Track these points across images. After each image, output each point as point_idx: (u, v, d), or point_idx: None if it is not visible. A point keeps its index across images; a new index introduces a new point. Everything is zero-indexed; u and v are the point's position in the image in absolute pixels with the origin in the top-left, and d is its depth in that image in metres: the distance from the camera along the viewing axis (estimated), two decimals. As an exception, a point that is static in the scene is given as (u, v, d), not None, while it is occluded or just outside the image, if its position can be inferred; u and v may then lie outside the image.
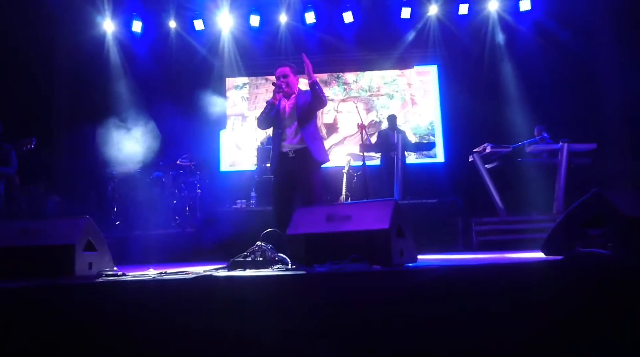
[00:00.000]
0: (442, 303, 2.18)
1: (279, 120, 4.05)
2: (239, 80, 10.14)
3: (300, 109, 4.00)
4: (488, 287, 2.22)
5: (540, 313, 2.06)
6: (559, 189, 6.36)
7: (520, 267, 2.36)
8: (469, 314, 2.14)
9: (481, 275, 2.34)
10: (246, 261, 2.87)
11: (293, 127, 4.00)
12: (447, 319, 2.13)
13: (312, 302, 2.28)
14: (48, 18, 8.65)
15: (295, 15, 9.50)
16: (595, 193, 2.78)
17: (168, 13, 9.39)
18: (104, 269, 3.14)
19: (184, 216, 7.47)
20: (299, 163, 3.96)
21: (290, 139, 4.01)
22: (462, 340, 2.03)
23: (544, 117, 7.82)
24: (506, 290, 2.19)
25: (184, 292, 2.35)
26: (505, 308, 2.14)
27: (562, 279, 2.15)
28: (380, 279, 2.38)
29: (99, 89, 9.07)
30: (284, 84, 4.01)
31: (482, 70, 9.20)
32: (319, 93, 3.91)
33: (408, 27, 9.48)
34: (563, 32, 8.53)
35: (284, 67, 4.12)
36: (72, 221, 3.15)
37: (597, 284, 2.06)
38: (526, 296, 2.14)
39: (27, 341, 2.21)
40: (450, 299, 2.19)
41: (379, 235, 2.68)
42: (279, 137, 4.05)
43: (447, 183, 8.34)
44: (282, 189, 4.03)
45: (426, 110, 9.77)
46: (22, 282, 2.55)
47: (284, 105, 4.09)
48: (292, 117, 4.02)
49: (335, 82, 10.05)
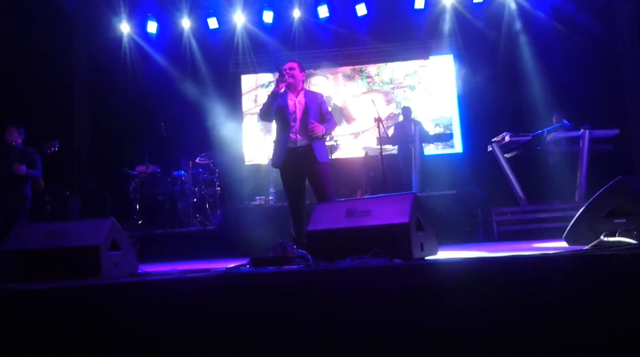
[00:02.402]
0: (463, 296, 2.18)
1: (285, 115, 4.09)
2: (264, 77, 10.14)
3: (310, 113, 4.06)
4: (510, 280, 2.21)
5: (566, 305, 2.04)
6: (581, 177, 6.25)
7: (543, 259, 2.33)
8: (490, 307, 2.13)
9: (503, 268, 2.32)
10: (268, 258, 2.90)
11: (299, 126, 4.06)
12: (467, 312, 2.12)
13: (335, 297, 2.29)
14: (67, 21, 8.80)
15: (308, 10, 9.48)
16: (619, 181, 2.74)
17: (182, 12, 9.45)
18: (129, 268, 3.20)
19: (204, 214, 7.55)
20: (307, 158, 4.03)
21: (296, 136, 4.05)
22: (484, 332, 2.02)
23: (565, 103, 7.69)
24: (530, 283, 2.17)
25: (208, 289, 2.38)
26: (529, 301, 2.12)
27: (587, 270, 2.12)
28: (401, 273, 2.38)
29: (118, 90, 9.19)
30: (289, 75, 4.06)
31: (499, 58, 9.05)
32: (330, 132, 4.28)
33: (422, 17, 9.36)
34: (583, 15, 8.34)
35: (292, 62, 4.21)
36: (97, 221, 3.21)
37: (623, 275, 2.03)
38: (551, 288, 2.12)
39: (56, 342, 2.26)
40: (471, 292, 2.18)
41: (399, 229, 2.68)
42: (285, 133, 4.08)
43: (466, 173, 8.26)
44: (293, 181, 4.10)
45: (448, 100, 9.67)
46: (51, 284, 2.62)
47: (292, 101, 4.13)
48: (299, 116, 4.07)
49: (358, 76, 10.00)
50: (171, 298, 2.40)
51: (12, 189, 5.06)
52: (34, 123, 6.17)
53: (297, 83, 4.14)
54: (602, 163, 6.48)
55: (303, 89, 4.21)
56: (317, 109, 4.13)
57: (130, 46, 9.66)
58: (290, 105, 4.10)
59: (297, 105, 4.11)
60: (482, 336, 2.01)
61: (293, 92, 4.16)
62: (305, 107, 4.08)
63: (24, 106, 7.70)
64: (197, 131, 8.94)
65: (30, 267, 3.02)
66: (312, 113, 4.07)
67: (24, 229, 3.24)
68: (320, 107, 4.16)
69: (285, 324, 2.17)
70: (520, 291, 2.15)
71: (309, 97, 4.15)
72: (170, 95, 9.28)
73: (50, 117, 8.15)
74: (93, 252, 3.01)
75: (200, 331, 2.20)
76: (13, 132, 5.24)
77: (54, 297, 2.47)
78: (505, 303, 2.13)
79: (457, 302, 2.16)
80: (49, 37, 8.30)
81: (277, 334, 2.13)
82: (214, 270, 2.85)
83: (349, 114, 9.86)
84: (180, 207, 7.54)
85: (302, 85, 4.22)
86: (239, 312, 2.27)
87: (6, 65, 7.68)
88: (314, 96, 4.19)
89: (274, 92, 4.04)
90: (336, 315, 2.20)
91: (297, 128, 4.05)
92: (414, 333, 2.06)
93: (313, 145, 4.03)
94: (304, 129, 4.03)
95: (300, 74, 4.18)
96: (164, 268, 4.16)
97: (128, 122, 9.04)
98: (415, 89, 9.75)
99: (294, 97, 4.14)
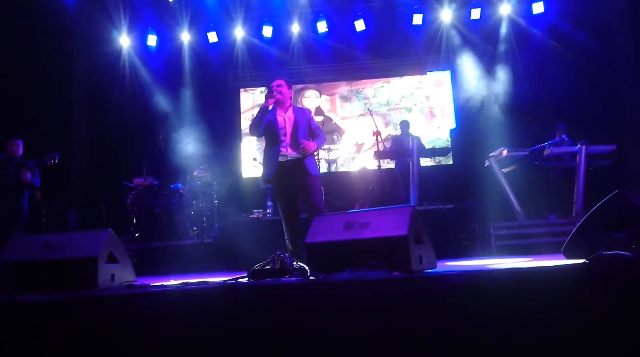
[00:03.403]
0: (462, 309, 2.17)
1: (276, 130, 4.18)
2: (261, 97, 10.19)
3: (300, 128, 4.18)
4: (509, 292, 2.20)
5: (564, 318, 2.04)
6: (578, 192, 6.28)
7: (541, 272, 2.33)
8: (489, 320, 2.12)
9: (501, 280, 2.32)
10: (266, 270, 2.89)
11: (290, 140, 4.16)
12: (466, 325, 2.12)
13: (334, 309, 2.28)
14: (67, 34, 8.85)
15: (307, 25, 9.58)
16: (617, 194, 2.75)
17: (182, 26, 9.53)
18: (126, 280, 3.18)
19: (201, 227, 7.53)
20: (298, 171, 4.13)
21: (287, 150, 4.15)
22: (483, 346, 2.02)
23: (562, 119, 7.73)
24: (528, 295, 2.17)
25: (206, 301, 2.37)
26: (527, 314, 2.12)
27: (586, 283, 2.12)
28: (400, 286, 2.38)
29: (116, 103, 9.22)
30: (277, 91, 4.18)
31: (495, 74, 9.15)
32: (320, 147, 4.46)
33: (420, 34, 9.47)
34: (578, 33, 8.44)
35: (280, 79, 4.33)
36: (94, 233, 3.20)
37: (621, 288, 2.03)
38: (549, 300, 2.11)
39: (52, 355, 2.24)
40: (470, 305, 2.18)
41: (398, 241, 2.68)
42: (275, 147, 4.17)
43: (463, 187, 8.29)
44: (286, 195, 4.18)
45: (444, 122, 9.74)
46: (46, 296, 2.60)
47: (281, 117, 4.23)
48: (289, 131, 4.18)
49: (355, 98, 10.08)
50: (169, 310, 2.39)
51: (9, 199, 5.05)
52: (33, 134, 6.17)
53: (285, 99, 4.25)
54: (600, 178, 6.51)
55: (291, 105, 4.33)
56: (306, 124, 4.25)
57: (130, 59, 9.71)
58: (279, 121, 4.20)
59: (287, 120, 4.22)
60: (482, 348, 2.01)
61: (282, 108, 4.27)
62: (295, 122, 4.20)
63: (23, 118, 7.71)
64: (195, 144, 8.96)
65: (27, 279, 3.00)
66: (301, 128, 4.19)
67: (21, 241, 3.23)
68: (309, 122, 4.29)
69: (284, 337, 2.15)
70: (518, 304, 2.15)
71: (298, 112, 4.28)
72: (168, 107, 9.32)
73: (49, 129, 8.16)
74: (90, 263, 3.00)
75: (199, 343, 2.18)
76: (15, 144, 5.27)
77: (50, 309, 2.46)
78: (504, 316, 2.13)
79: (456, 314, 2.16)
80: (48, 49, 8.35)
81: (276, 346, 2.12)
82: (212, 282, 2.83)
83: (341, 130, 9.91)
84: (178, 220, 7.53)
85: (290, 102, 4.33)
86: (238, 325, 2.26)
87: (6, 77, 7.71)
88: (302, 112, 4.33)
89: (263, 107, 4.13)
90: (335, 328, 2.19)
91: (288, 142, 4.15)
92: (414, 346, 2.05)
93: (304, 159, 4.14)
94: (295, 143, 4.14)
95: (288, 91, 4.29)
96: (161, 281, 4.14)
97: (126, 134, 9.05)
98: (411, 111, 9.82)
99: (283, 113, 4.25)
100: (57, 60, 8.67)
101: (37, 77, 8.11)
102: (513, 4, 9.16)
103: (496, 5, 9.19)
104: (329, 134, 9.68)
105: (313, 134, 4.29)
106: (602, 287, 2.08)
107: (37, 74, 8.13)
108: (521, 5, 9.14)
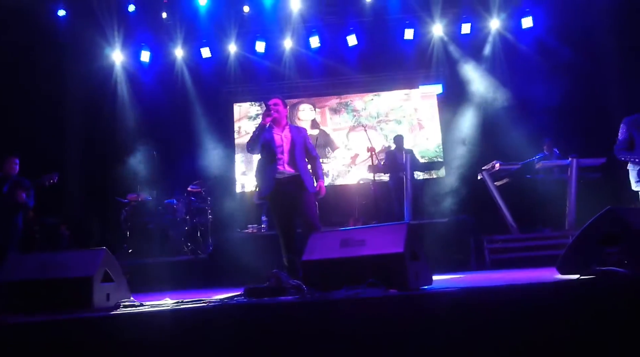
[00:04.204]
0: (459, 325, 2.19)
1: (272, 148, 4.29)
2: (252, 110, 10.26)
3: (297, 147, 4.32)
4: (505, 308, 2.22)
5: (559, 334, 2.06)
6: (570, 204, 6.33)
7: (537, 288, 2.35)
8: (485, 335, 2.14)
9: (497, 296, 2.34)
10: (262, 288, 2.89)
11: (287, 158, 4.29)
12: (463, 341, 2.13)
13: (331, 328, 2.29)
14: (59, 49, 8.84)
15: (299, 40, 9.66)
16: (608, 210, 2.79)
17: (175, 42, 9.57)
18: (121, 299, 3.16)
19: (196, 242, 7.50)
20: (294, 188, 4.23)
21: (284, 168, 4.27)
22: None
23: (552, 132, 7.82)
24: (523, 311, 2.19)
25: (203, 321, 2.36)
26: (522, 329, 2.13)
27: (580, 299, 2.15)
28: (397, 304, 2.39)
29: (109, 119, 9.22)
30: (274, 110, 4.30)
31: (486, 87, 9.26)
32: (313, 158, 4.50)
33: (411, 48, 9.58)
34: (566, 48, 8.58)
35: (276, 98, 4.45)
36: (89, 252, 3.20)
37: (615, 304, 2.06)
38: (544, 316, 2.13)
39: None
40: (466, 321, 2.19)
41: (394, 259, 2.70)
42: (272, 165, 4.27)
43: (457, 200, 8.32)
44: (283, 212, 4.25)
45: (433, 133, 9.84)
46: (41, 317, 2.58)
47: (278, 135, 4.34)
48: (286, 149, 4.30)
49: (344, 110, 10.16)
50: (165, 330, 2.38)
51: (3, 218, 5.02)
52: (25, 151, 6.15)
53: (281, 118, 4.37)
54: (592, 191, 6.56)
55: (287, 123, 4.45)
56: (302, 142, 4.38)
57: (123, 74, 9.72)
58: (276, 139, 4.31)
59: (284, 138, 4.33)
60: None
61: (278, 127, 4.38)
62: (292, 141, 4.33)
63: (15, 134, 7.68)
64: (189, 159, 8.95)
65: (22, 299, 2.98)
66: (298, 146, 4.32)
67: (17, 260, 3.21)
68: (305, 141, 4.42)
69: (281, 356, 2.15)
70: (514, 320, 2.17)
71: (294, 131, 4.41)
72: (162, 123, 9.31)
73: (41, 145, 8.13)
74: (85, 283, 2.99)
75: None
76: (12, 162, 5.27)
77: (46, 331, 2.44)
78: (501, 332, 2.14)
79: (454, 331, 2.17)
80: (41, 65, 8.35)
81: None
82: (209, 301, 2.83)
83: (334, 145, 9.96)
84: (172, 235, 7.49)
85: (286, 120, 4.47)
86: (235, 344, 2.26)
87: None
88: (298, 131, 4.46)
89: (261, 125, 4.24)
90: (332, 346, 2.19)
91: (285, 160, 4.28)
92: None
93: (302, 176, 4.26)
94: (292, 161, 4.27)
95: (284, 109, 4.43)
96: (156, 298, 4.12)
97: (119, 150, 9.02)
98: (401, 123, 9.92)
99: (280, 131, 4.37)
100: (50, 77, 8.65)
101: (29, 93, 8.09)
102: (502, 19, 9.30)
103: (486, 20, 9.33)
104: (322, 147, 9.73)
105: (309, 153, 4.44)
106: (596, 303, 2.11)
107: (29, 90, 8.12)
108: (510, 20, 9.27)
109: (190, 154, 9.03)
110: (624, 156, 4.82)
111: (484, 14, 9.26)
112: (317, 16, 9.38)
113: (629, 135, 4.82)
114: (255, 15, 9.17)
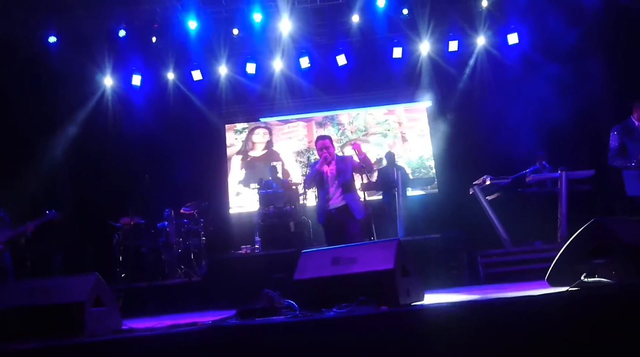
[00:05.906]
0: (449, 340, 2.19)
1: (323, 183, 4.81)
2: (238, 125, 10.37)
3: (341, 177, 4.76)
4: (496, 323, 2.23)
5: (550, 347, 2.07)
6: (561, 217, 6.37)
7: (526, 302, 2.37)
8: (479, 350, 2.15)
9: (488, 312, 2.35)
10: (255, 309, 2.88)
11: (336, 189, 4.76)
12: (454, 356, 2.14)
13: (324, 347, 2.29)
14: (50, 75, 8.89)
15: (289, 61, 9.77)
16: (595, 222, 2.82)
17: (167, 66, 9.65)
18: (113, 323, 3.14)
19: (189, 265, 7.47)
20: (344, 217, 4.70)
21: (334, 199, 4.75)
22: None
23: (542, 146, 7.89)
24: (514, 325, 2.20)
25: (195, 344, 2.36)
26: (514, 343, 2.14)
27: (568, 312, 2.17)
28: (387, 320, 2.39)
29: (101, 142, 9.23)
30: (328, 155, 4.78)
31: (473, 103, 9.38)
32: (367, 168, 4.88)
33: (400, 66, 9.72)
34: (553, 63, 8.72)
35: (324, 139, 4.90)
36: (80, 278, 3.18)
37: (604, 315, 2.08)
38: (534, 330, 2.15)
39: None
40: (456, 336, 2.20)
41: (385, 275, 2.71)
42: (324, 197, 4.80)
43: (449, 215, 8.36)
44: (333, 238, 4.70)
45: (416, 145, 10.08)
46: (32, 343, 2.56)
47: (326, 170, 4.82)
48: (334, 182, 4.77)
49: (330, 124, 10.28)
50: (158, 354, 2.37)
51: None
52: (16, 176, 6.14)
53: (332, 156, 4.84)
54: (583, 203, 6.61)
55: (334, 157, 4.86)
56: (349, 170, 4.79)
57: (114, 98, 9.77)
58: (326, 174, 4.81)
59: (331, 173, 4.80)
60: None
61: (329, 164, 4.83)
62: (338, 173, 4.78)
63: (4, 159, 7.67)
64: (181, 181, 8.95)
65: (13, 326, 2.95)
66: (345, 176, 4.75)
67: (7, 287, 3.19)
68: (352, 167, 4.82)
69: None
70: (506, 333, 2.18)
71: (339, 163, 4.83)
72: (154, 146, 9.34)
73: (32, 170, 8.12)
74: (77, 309, 2.96)
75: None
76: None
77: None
78: (493, 346, 2.15)
79: (446, 347, 2.17)
80: (31, 90, 8.39)
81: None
82: (201, 324, 2.81)
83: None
84: (165, 258, 7.45)
85: (334, 155, 4.88)
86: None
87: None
88: (343, 161, 4.88)
89: (318, 171, 4.78)
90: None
91: (334, 192, 4.76)
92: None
93: (349, 204, 4.70)
94: (340, 191, 4.73)
95: (333, 148, 4.88)
96: (149, 323, 4.09)
97: (111, 173, 9.02)
98: (387, 136, 10.08)
99: (328, 166, 4.82)
100: (41, 102, 8.70)
101: (20, 118, 8.10)
102: (489, 36, 9.48)
103: (472, 37, 9.49)
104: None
105: (359, 171, 4.86)
106: (585, 314, 2.12)
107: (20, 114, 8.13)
108: (497, 37, 9.44)
109: (182, 176, 9.03)
110: (618, 163, 4.88)
111: (469, 31, 9.42)
112: (307, 37, 9.51)
113: (621, 143, 4.89)
114: (245, 37, 9.28)
